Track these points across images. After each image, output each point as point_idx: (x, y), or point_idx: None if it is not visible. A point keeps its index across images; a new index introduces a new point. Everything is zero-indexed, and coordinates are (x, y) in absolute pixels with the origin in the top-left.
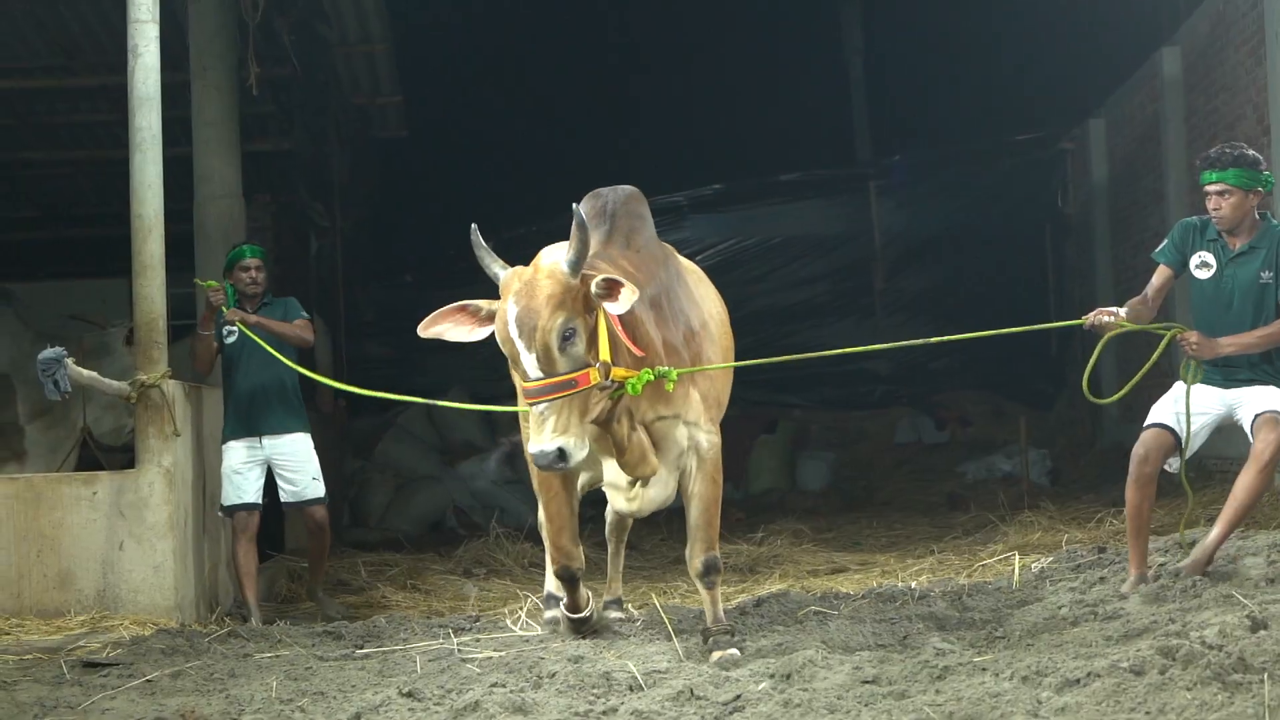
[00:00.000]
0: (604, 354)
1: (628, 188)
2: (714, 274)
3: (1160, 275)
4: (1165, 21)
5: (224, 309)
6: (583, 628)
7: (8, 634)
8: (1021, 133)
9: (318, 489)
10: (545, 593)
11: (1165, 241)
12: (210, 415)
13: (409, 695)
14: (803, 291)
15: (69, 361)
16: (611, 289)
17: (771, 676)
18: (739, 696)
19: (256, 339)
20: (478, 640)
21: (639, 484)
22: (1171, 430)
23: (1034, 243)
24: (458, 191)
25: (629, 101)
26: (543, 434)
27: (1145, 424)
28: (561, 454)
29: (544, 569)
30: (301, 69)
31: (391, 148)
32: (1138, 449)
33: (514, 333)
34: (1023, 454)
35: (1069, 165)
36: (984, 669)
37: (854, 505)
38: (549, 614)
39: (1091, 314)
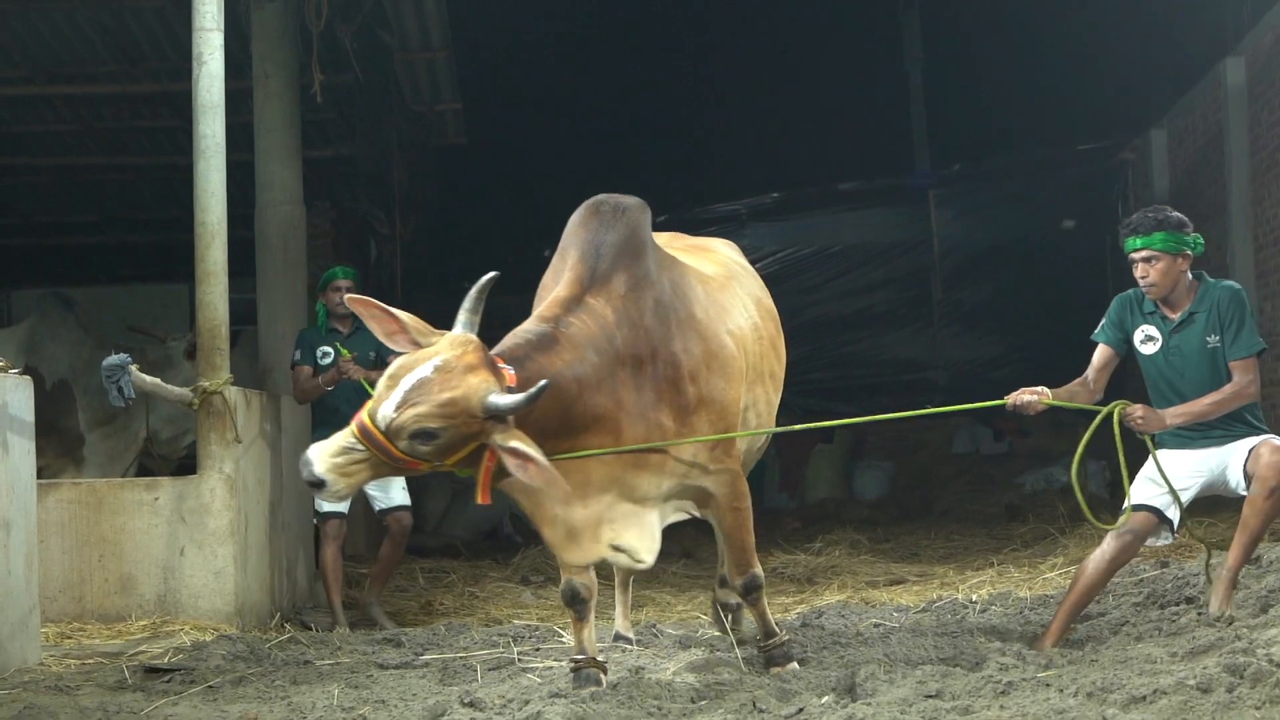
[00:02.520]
0: (451, 463)
1: (629, 205)
2: (772, 282)
3: (1101, 355)
4: (1229, 32)
5: (360, 381)
6: (583, 676)
7: (69, 638)
8: (1082, 143)
9: (405, 497)
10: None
11: (1104, 320)
12: (273, 421)
13: (470, 705)
14: (861, 300)
15: (133, 368)
16: (518, 459)
17: (834, 690)
18: (801, 710)
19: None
20: (537, 650)
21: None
22: (1157, 511)
23: (1094, 254)
24: (516, 199)
25: (688, 110)
26: (327, 451)
27: (1128, 504)
28: (320, 483)
29: (602, 578)
30: (362, 75)
31: (450, 155)
32: (1124, 534)
33: (402, 384)
34: (1082, 466)
35: (1130, 176)
36: (1048, 685)
37: (911, 515)
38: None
39: (1013, 394)
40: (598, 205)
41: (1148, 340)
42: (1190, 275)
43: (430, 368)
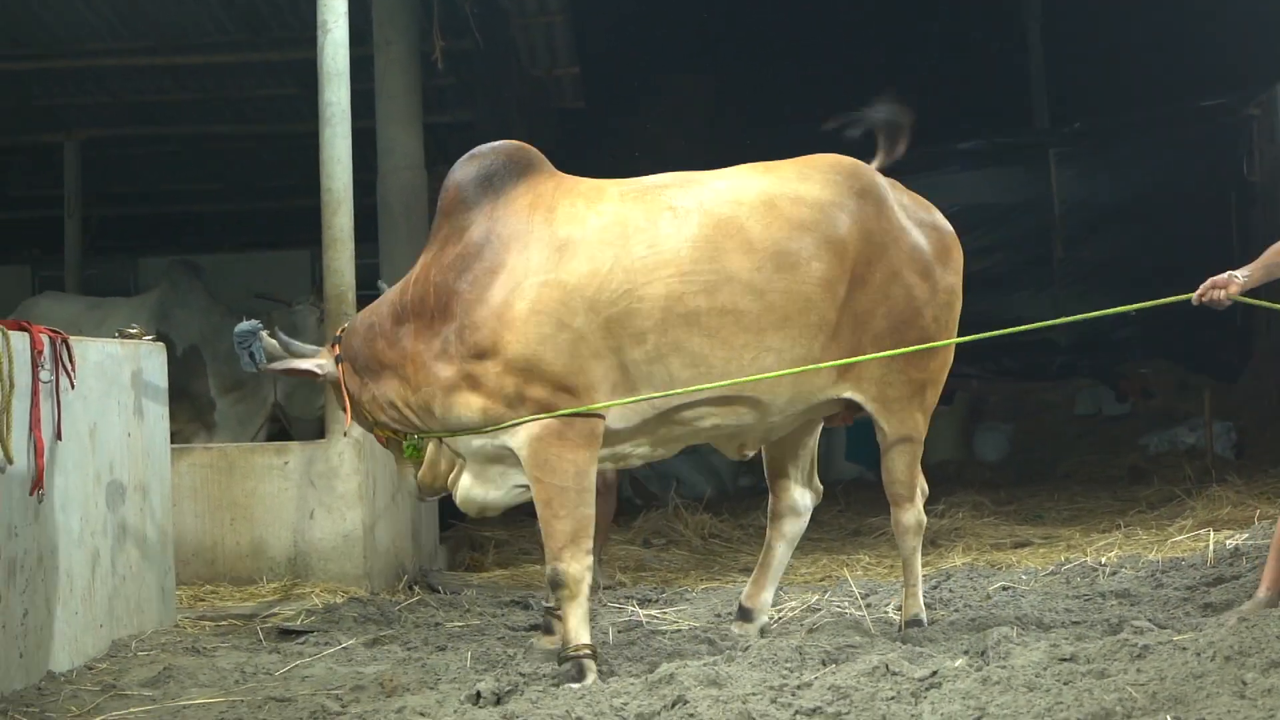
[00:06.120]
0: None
1: (477, 154)
2: None
3: None
4: None
5: None
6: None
7: (203, 600)
8: (1205, 99)
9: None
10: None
11: None
12: None
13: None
14: (981, 261)
15: (264, 334)
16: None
17: (966, 653)
18: (935, 673)
19: None
20: (665, 613)
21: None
22: None
23: (1218, 211)
24: (636, 163)
25: (803, 72)
26: None
27: None
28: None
29: (724, 540)
30: (481, 41)
31: (569, 119)
32: None
33: None
34: (1207, 426)
35: (1255, 132)
36: (1184, 648)
37: (1033, 478)
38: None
39: (1203, 286)
40: (471, 155)
41: None
42: None
43: None
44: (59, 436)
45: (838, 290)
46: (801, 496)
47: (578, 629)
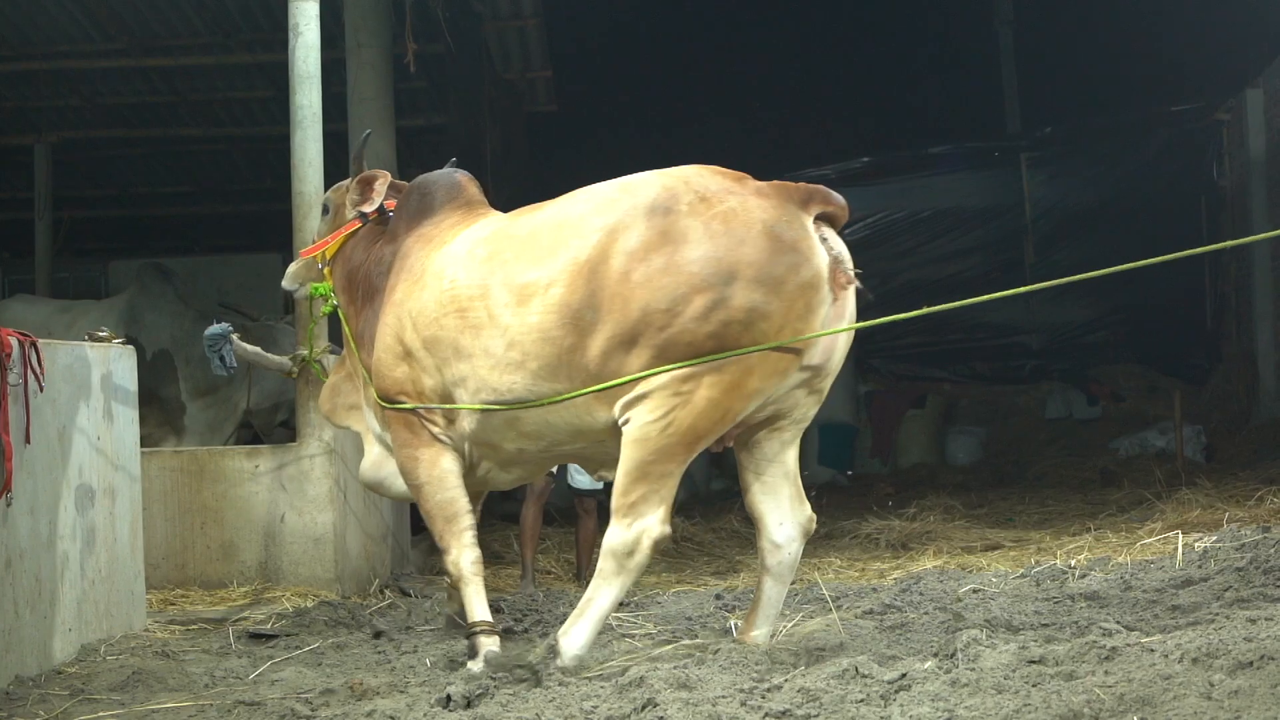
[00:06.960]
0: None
1: (438, 186)
2: (863, 247)
3: None
4: None
5: None
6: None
7: (173, 604)
8: (1176, 104)
9: (596, 481)
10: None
11: None
12: None
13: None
14: (952, 265)
15: (234, 337)
16: None
17: (936, 655)
18: (904, 675)
19: None
20: (635, 616)
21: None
22: None
23: (1188, 216)
24: (608, 166)
25: (777, 76)
26: None
27: None
28: None
29: (696, 543)
30: (454, 44)
31: (542, 122)
32: None
33: None
34: (1177, 430)
35: (1224, 137)
36: (1152, 650)
37: (1005, 481)
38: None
39: None
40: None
41: None
42: None
43: None
44: (27, 440)
45: (583, 316)
46: (780, 527)
47: (469, 608)
